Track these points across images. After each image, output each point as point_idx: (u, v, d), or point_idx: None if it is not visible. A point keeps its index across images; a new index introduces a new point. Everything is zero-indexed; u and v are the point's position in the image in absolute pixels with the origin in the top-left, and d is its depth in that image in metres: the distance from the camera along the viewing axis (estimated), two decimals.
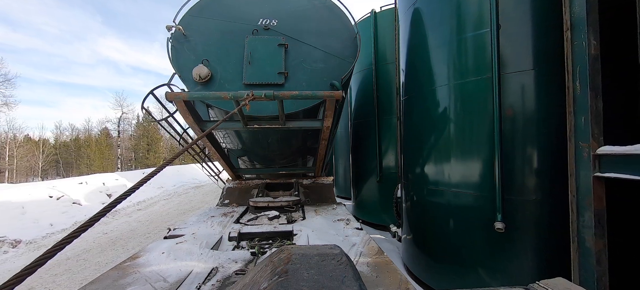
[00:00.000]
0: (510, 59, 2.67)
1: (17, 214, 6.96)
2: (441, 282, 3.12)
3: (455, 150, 3.02)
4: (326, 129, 2.98)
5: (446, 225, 3.09)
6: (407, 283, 1.41)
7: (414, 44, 3.62)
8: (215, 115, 3.46)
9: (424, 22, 3.45)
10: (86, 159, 30.73)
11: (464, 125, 2.95)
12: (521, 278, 2.61)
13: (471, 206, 2.85)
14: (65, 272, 4.39)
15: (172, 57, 3.04)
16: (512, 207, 2.60)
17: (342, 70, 3.15)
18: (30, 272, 0.70)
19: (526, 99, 2.63)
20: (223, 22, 3.22)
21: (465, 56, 2.96)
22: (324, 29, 3.30)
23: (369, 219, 6.15)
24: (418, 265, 3.49)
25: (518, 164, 2.62)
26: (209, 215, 2.96)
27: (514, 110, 2.64)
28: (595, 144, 2.02)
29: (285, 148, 4.09)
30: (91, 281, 1.49)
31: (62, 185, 9.75)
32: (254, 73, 3.03)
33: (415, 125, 3.61)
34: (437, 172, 3.22)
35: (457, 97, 3.02)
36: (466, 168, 2.92)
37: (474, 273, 2.84)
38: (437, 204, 3.21)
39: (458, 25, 3.02)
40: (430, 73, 3.31)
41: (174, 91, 2.74)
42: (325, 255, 1.00)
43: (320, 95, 2.46)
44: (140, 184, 1.17)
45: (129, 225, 7.15)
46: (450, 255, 3.05)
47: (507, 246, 2.63)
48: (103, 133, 33.91)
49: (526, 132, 2.61)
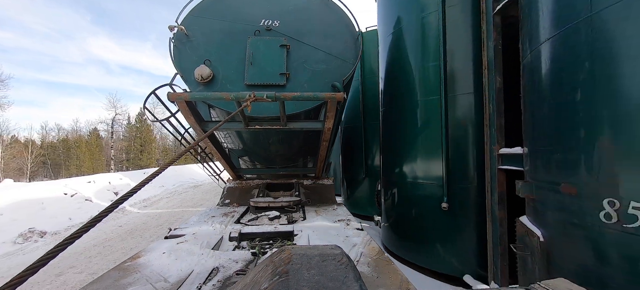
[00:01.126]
0: (454, 84, 3.51)
1: (38, 209, 7.39)
2: (409, 253, 4.00)
3: (421, 152, 3.84)
4: (327, 131, 2.92)
5: (412, 209, 3.93)
6: (408, 283, 1.37)
7: (391, 64, 4.41)
8: (217, 116, 3.40)
9: (398, 49, 4.21)
10: (75, 159, 29.12)
11: (426, 132, 3.78)
12: (462, 244, 3.42)
13: (429, 194, 3.71)
14: (97, 255, 5.00)
15: (174, 57, 2.97)
16: (454, 191, 3.46)
17: (344, 72, 3.10)
18: (33, 272, 0.70)
19: (464, 113, 3.47)
20: (225, 22, 3.14)
21: (427, 80, 3.77)
22: (325, 30, 3.22)
23: (356, 211, 6.94)
24: (393, 243, 4.36)
25: (458, 161, 3.48)
26: (209, 215, 2.90)
27: (457, 122, 3.50)
28: (499, 147, 2.89)
29: (286, 149, 4.03)
30: (92, 281, 1.46)
31: (73, 184, 10.23)
32: (256, 74, 2.96)
33: (391, 130, 4.39)
34: (407, 168, 4.02)
35: (422, 111, 3.83)
36: (427, 165, 3.76)
37: (432, 244, 3.67)
38: (406, 193, 4.05)
39: (422, 55, 3.82)
40: (403, 90, 4.10)
41: (176, 91, 2.69)
42: (326, 255, 0.97)
43: (322, 97, 2.40)
44: (144, 183, 1.17)
45: (140, 219, 7.70)
46: (414, 232, 3.92)
47: (452, 220, 3.50)
48: (93, 134, 32.06)
49: (464, 138, 3.47)
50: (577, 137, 1.66)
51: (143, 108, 2.97)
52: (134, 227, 6.76)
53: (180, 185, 14.70)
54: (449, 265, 3.44)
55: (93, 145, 30.86)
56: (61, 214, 7.54)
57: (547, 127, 1.93)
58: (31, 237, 6.00)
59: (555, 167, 1.82)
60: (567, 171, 1.73)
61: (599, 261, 1.54)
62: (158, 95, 2.81)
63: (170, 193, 12.69)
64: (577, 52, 1.66)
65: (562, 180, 1.76)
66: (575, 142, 1.67)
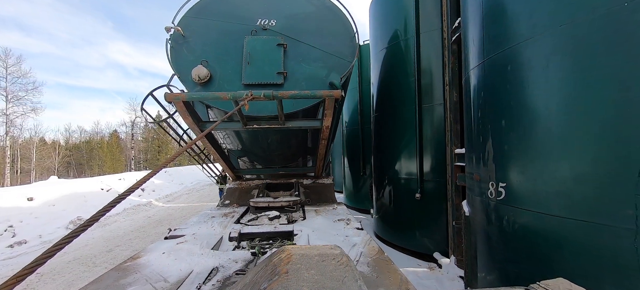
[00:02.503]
0: (426, 97, 4.12)
1: (82, 202, 8.21)
2: (393, 236, 4.65)
3: (402, 152, 4.45)
4: (326, 129, 2.82)
5: (393, 200, 4.59)
6: (408, 283, 1.32)
7: (381, 76, 5.01)
8: (215, 116, 3.28)
9: (386, 64, 4.83)
10: (98, 160, 29.66)
11: (407, 136, 4.36)
12: (433, 227, 3.99)
13: (407, 187, 4.33)
14: (136, 237, 5.72)
15: (171, 58, 2.86)
16: (426, 184, 4.09)
17: (341, 70, 2.96)
18: (31, 272, 0.67)
19: (434, 121, 4.07)
20: (221, 22, 3.01)
21: (408, 92, 4.34)
22: (322, 28, 3.09)
23: (355, 205, 7.68)
24: (381, 230, 5.02)
25: (429, 159, 4.09)
26: (209, 216, 2.80)
27: (426, 127, 4.10)
28: (455, 147, 3.39)
29: (285, 148, 3.91)
30: (92, 281, 1.41)
31: (107, 180, 10.99)
32: (253, 73, 2.83)
33: (380, 134, 4.99)
34: (392, 166, 4.63)
35: (404, 118, 4.43)
36: (406, 163, 4.38)
37: (409, 228, 4.30)
38: (390, 187, 4.66)
39: (405, 71, 4.41)
40: (390, 100, 4.72)
41: (173, 92, 2.58)
42: (325, 255, 0.93)
43: (320, 95, 2.31)
44: (141, 182, 1.08)
45: (166, 211, 8.56)
46: (396, 219, 4.56)
47: (424, 208, 4.12)
48: (113, 136, 32.69)
49: (433, 141, 4.06)
50: (481, 141, 2.18)
51: (141, 109, 2.87)
52: (161, 218, 7.55)
53: (197, 183, 15.54)
54: (422, 245, 4.09)
55: (113, 146, 31.46)
56: (100, 206, 7.74)
57: (472, 133, 2.37)
58: (80, 223, 6.26)
59: (474, 162, 2.34)
60: (477, 164, 2.27)
61: (488, 222, 2.11)
62: (155, 97, 2.70)
63: (189, 190, 13.54)
64: (489, 78, 2.11)
65: (475, 171, 2.30)
66: (481, 144, 2.19)
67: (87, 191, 9.00)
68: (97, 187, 9.72)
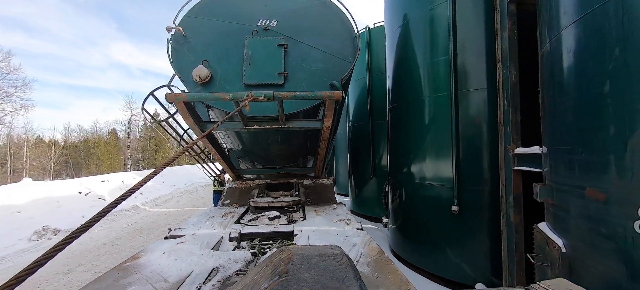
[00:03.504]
0: (465, 80, 3.22)
1: (54, 207, 7.50)
2: (417, 257, 3.76)
3: (429, 151, 3.56)
4: (326, 130, 2.86)
5: (420, 212, 3.68)
6: (408, 283, 1.33)
7: (399, 60, 4.12)
8: (216, 116, 3.33)
9: (405, 44, 3.94)
10: (95, 159, 30.08)
11: (435, 131, 3.49)
12: (474, 249, 3.16)
13: (438, 196, 3.42)
14: (105, 253, 4.94)
15: (172, 58, 2.91)
16: (465, 194, 3.19)
17: (342, 70, 3.02)
18: (30, 273, 0.67)
19: (477, 111, 3.18)
20: (222, 22, 3.06)
21: (437, 75, 3.48)
22: (323, 29, 3.14)
23: (364, 212, 6.65)
24: (400, 247, 4.12)
25: (469, 162, 3.20)
26: (209, 216, 2.84)
27: (468, 120, 3.21)
28: (515, 146, 2.59)
29: (286, 149, 3.96)
30: (92, 281, 1.43)
31: (88, 183, 10.33)
32: (254, 74, 2.89)
33: (399, 129, 4.13)
34: (415, 169, 3.76)
35: (430, 108, 3.56)
36: (436, 165, 3.48)
37: (440, 248, 3.40)
38: (414, 195, 3.79)
39: (431, 50, 3.55)
40: (411, 87, 3.82)
41: (174, 92, 2.62)
42: (325, 255, 0.95)
43: (320, 96, 2.36)
44: (140, 184, 1.11)
45: (150, 218, 7.71)
46: (423, 236, 3.64)
47: (462, 225, 3.22)
48: (111, 135, 33.11)
49: (475, 137, 3.18)
50: (605, 135, 1.41)
51: (141, 110, 2.95)
52: (143, 226, 6.73)
53: (191, 184, 15.03)
54: (459, 272, 3.16)
55: (111, 145, 31.78)
56: (75, 211, 7.62)
57: (569, 124, 1.66)
58: (45, 235, 6.03)
59: (580, 169, 1.58)
60: (594, 174, 1.48)
61: (632, 278, 1.28)
62: (156, 97, 2.76)
63: (182, 192, 12.90)
64: (605, 37, 1.40)
65: (588, 184, 1.51)
66: (604, 141, 1.42)
67: (62, 195, 8.24)
68: (75, 190, 9.01)
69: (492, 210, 2.96)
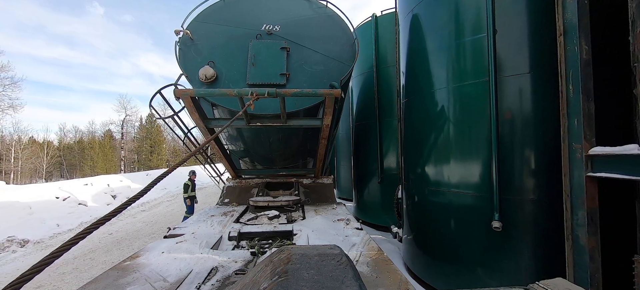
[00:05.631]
0: (506, 62, 2.72)
1: (24, 214, 7.00)
2: (440, 280, 3.17)
3: (455, 152, 3.07)
4: (325, 128, 3.05)
5: (445, 225, 3.14)
6: (407, 283, 1.39)
7: (414, 47, 3.68)
8: (220, 115, 3.57)
9: (423, 27, 3.52)
10: (90, 160, 30.90)
11: (463, 127, 3.01)
12: (518, 276, 2.65)
13: (470, 206, 2.90)
14: (73, 270, 4.40)
15: (179, 59, 3.18)
16: (509, 206, 2.65)
17: (341, 73, 3.27)
18: (38, 272, 0.69)
19: (522, 101, 2.68)
20: (228, 27, 3.38)
21: (464, 60, 3.01)
22: (324, 34, 3.47)
23: (370, 220, 6.14)
24: (418, 265, 3.53)
25: (515, 165, 2.67)
26: (209, 215, 2.94)
27: (510, 112, 2.71)
28: (588, 145, 2.07)
29: (286, 148, 4.13)
30: (91, 280, 1.47)
31: (68, 186, 9.81)
32: (258, 74, 3.15)
33: (415, 127, 3.67)
34: (437, 173, 3.26)
35: (456, 100, 3.07)
36: (465, 169, 2.98)
37: (473, 271, 2.89)
38: (436, 204, 3.25)
39: (456, 29, 3.08)
40: (430, 76, 3.37)
41: None
42: (325, 255, 0.99)
43: (320, 93, 2.55)
44: (149, 187, 1.14)
45: (134, 226, 7.20)
46: (449, 254, 3.09)
47: (505, 245, 2.67)
48: (106, 135, 34.11)
49: (522, 133, 2.66)
50: None
51: (149, 106, 3.22)
52: (124, 235, 6.25)
53: (178, 187, 15.01)
54: None
55: (106, 146, 32.71)
56: (49, 219, 7.10)
57: None
58: (9, 247, 5.49)
59: None
60: None
61: None
62: (163, 95, 3.07)
63: (173, 196, 12.43)
64: None
65: None
66: None
67: (37, 200, 7.71)
68: (52, 195, 8.46)
69: (550, 229, 2.46)
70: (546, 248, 2.51)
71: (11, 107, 20.23)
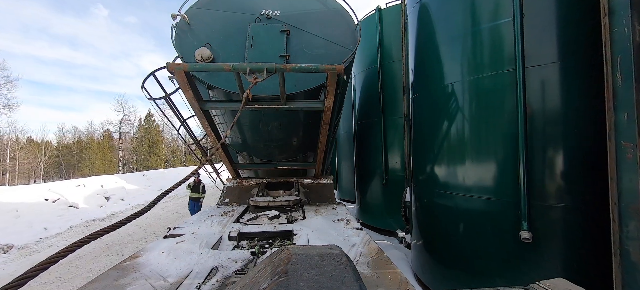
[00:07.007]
0: (533, 50, 2.44)
1: (10, 217, 6.80)
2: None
3: (470, 151, 2.83)
4: (328, 110, 2.89)
5: (461, 232, 2.89)
6: (407, 283, 1.40)
7: (424, 39, 3.47)
8: (215, 97, 3.49)
9: (433, 16, 3.31)
10: (88, 161, 31.13)
11: (480, 124, 2.77)
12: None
13: (489, 212, 2.64)
14: (56, 279, 4.11)
15: (175, 42, 3.12)
16: (537, 214, 2.37)
17: (343, 57, 3.22)
18: (31, 277, 0.71)
19: (554, 94, 2.39)
20: (226, 12, 3.36)
21: (481, 50, 2.78)
22: (325, 20, 3.45)
23: (374, 224, 5.92)
24: (429, 274, 3.30)
25: (545, 167, 2.38)
26: (209, 215, 2.95)
27: (539, 107, 2.43)
28: None
29: (286, 138, 4.07)
30: (91, 280, 1.48)
31: (58, 188, 9.49)
32: (256, 56, 3.07)
33: (425, 125, 3.45)
34: (450, 175, 3.02)
35: (472, 94, 2.84)
36: (483, 170, 2.73)
37: (492, 284, 2.61)
38: (450, 208, 3.00)
39: (473, 16, 2.85)
40: (442, 69, 3.14)
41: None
42: (325, 255, 0.99)
43: (322, 68, 2.41)
44: (160, 197, 1.33)
45: (126, 229, 6.78)
46: (465, 264, 2.85)
47: (532, 257, 2.38)
48: (105, 135, 34.42)
49: (553, 131, 2.37)
50: None
51: (141, 88, 3.23)
52: (115, 240, 5.96)
53: (179, 188, 14.83)
54: None
55: (104, 146, 32.98)
56: (37, 222, 6.88)
57: None
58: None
59: None
60: None
61: None
62: (157, 77, 3.04)
63: (168, 197, 11.88)
64: None
65: None
66: None
67: (25, 202, 7.52)
68: (41, 197, 8.30)
69: (592, 242, 2.20)
70: (580, 263, 2.25)
71: (7, 106, 20.45)
